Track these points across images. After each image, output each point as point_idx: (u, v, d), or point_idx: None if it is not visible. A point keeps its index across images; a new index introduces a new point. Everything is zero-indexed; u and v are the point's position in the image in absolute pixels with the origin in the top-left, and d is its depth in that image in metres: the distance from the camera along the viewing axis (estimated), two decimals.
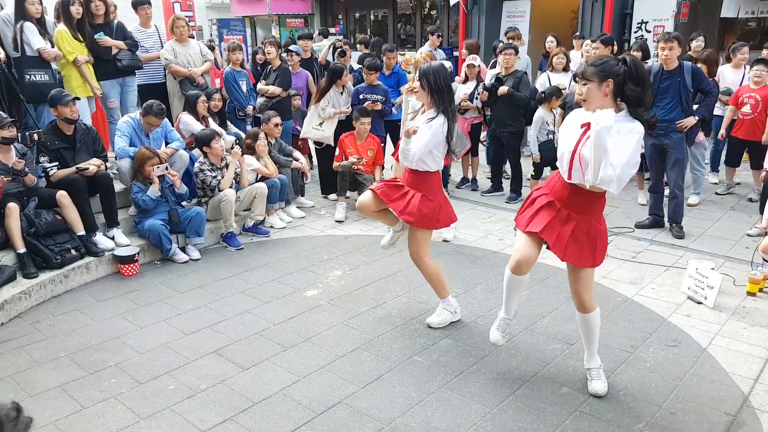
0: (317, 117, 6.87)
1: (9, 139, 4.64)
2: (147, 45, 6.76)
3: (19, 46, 5.58)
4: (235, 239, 5.63)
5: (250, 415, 3.13)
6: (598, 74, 2.82)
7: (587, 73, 2.85)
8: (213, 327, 4.08)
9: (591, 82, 2.84)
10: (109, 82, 6.31)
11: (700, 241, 5.54)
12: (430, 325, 4.02)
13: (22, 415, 1.31)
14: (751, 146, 6.57)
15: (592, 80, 2.83)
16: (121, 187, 5.67)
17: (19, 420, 1.30)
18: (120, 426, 3.06)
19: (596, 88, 2.84)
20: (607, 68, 2.82)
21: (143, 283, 4.85)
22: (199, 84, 6.74)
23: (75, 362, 3.67)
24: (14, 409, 1.30)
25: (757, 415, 3.09)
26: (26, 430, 1.32)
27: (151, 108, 5.53)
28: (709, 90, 5.53)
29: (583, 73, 2.88)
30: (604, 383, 3.26)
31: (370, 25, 16.83)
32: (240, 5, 18.15)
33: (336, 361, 3.62)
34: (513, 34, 8.45)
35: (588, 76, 2.84)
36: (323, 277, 4.90)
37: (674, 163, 5.56)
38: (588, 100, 2.88)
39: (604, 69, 2.82)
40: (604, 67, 2.83)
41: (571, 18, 12.34)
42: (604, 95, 2.85)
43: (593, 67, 2.84)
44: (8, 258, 4.59)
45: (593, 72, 2.83)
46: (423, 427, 3.02)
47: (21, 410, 1.32)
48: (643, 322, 4.07)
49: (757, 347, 3.72)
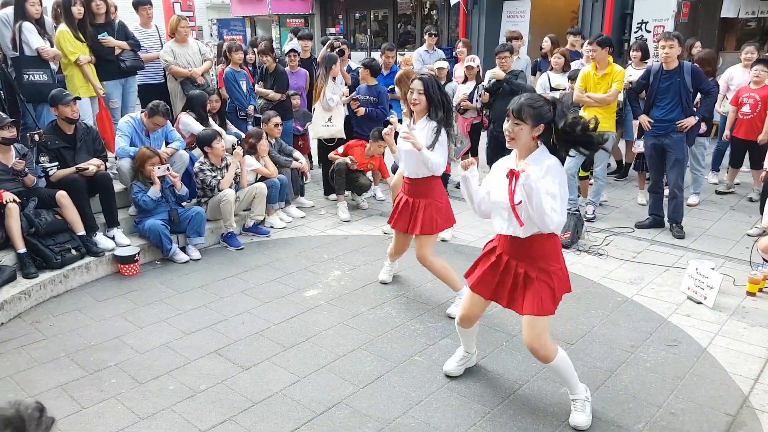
0: (324, 112, 6.84)
1: (9, 139, 4.64)
2: (147, 45, 6.76)
3: (18, 45, 5.58)
4: (235, 239, 5.64)
5: (250, 415, 3.13)
6: (533, 118, 2.75)
7: (523, 115, 2.75)
8: (213, 327, 4.08)
9: (525, 124, 2.77)
10: (111, 82, 6.32)
11: (700, 241, 5.54)
12: (450, 316, 4.16)
13: (44, 415, 1.33)
14: (751, 146, 6.57)
15: (527, 122, 2.76)
16: (121, 187, 5.67)
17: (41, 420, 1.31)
18: (120, 426, 3.06)
19: (528, 131, 2.77)
20: (543, 113, 2.76)
21: (143, 283, 4.85)
22: (200, 84, 6.74)
23: (75, 362, 3.67)
24: (37, 410, 1.32)
25: (757, 415, 3.09)
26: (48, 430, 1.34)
27: (157, 108, 5.54)
28: (709, 90, 5.52)
29: (519, 112, 2.76)
30: (588, 417, 3.02)
31: (370, 25, 16.83)
32: (240, 5, 18.16)
33: (336, 361, 3.62)
34: (512, 34, 8.45)
35: (524, 117, 2.75)
36: (323, 277, 4.90)
37: (674, 163, 5.56)
38: (516, 140, 2.81)
39: (541, 114, 2.75)
40: (540, 111, 2.75)
41: (571, 18, 12.35)
42: (532, 138, 2.80)
43: (531, 109, 2.75)
44: (8, 258, 4.59)
45: (530, 115, 2.75)
46: (423, 427, 3.02)
47: (44, 410, 1.33)
48: (643, 322, 4.07)
49: (757, 347, 3.72)
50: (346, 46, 7.75)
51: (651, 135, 5.66)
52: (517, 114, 2.77)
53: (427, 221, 4.13)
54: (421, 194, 4.16)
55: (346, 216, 6.32)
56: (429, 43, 8.67)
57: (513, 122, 2.79)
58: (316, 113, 6.91)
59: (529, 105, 2.76)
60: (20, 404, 1.30)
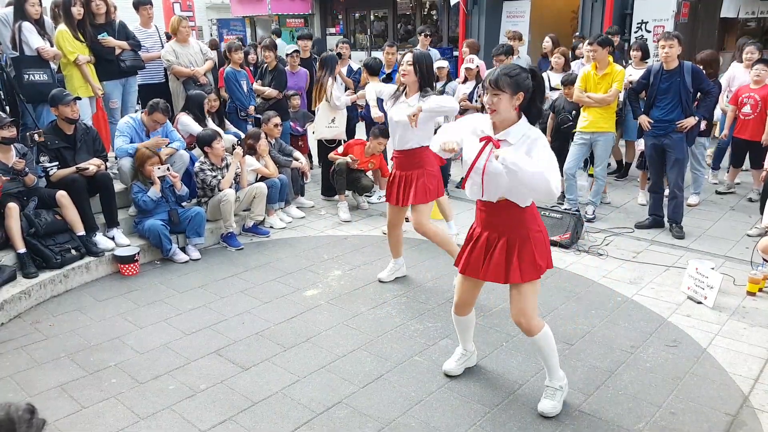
0: (329, 113, 6.82)
1: (9, 139, 4.65)
2: (147, 45, 6.76)
3: (18, 45, 5.58)
4: (235, 239, 5.63)
5: (250, 415, 3.13)
6: (512, 86, 2.72)
7: (501, 84, 2.72)
8: (213, 327, 4.08)
9: (504, 93, 2.72)
10: (111, 82, 6.31)
11: (700, 241, 5.54)
12: None
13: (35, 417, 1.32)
14: (752, 146, 6.56)
15: (505, 91, 2.72)
16: (121, 187, 5.67)
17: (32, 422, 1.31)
18: (120, 426, 3.06)
19: (508, 100, 2.73)
20: (520, 81, 2.72)
21: (143, 283, 4.85)
22: (202, 84, 6.74)
23: (75, 362, 3.67)
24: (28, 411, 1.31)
25: (757, 415, 3.09)
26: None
27: (157, 105, 5.54)
28: (709, 90, 5.52)
29: (496, 82, 2.72)
30: (555, 404, 3.07)
31: (370, 25, 16.83)
32: (240, 5, 18.14)
33: (336, 361, 3.62)
34: (512, 34, 8.46)
35: (502, 86, 2.72)
36: (323, 277, 4.90)
37: (674, 163, 5.56)
38: (497, 111, 2.77)
39: (518, 82, 2.72)
40: (517, 79, 2.72)
41: (571, 18, 12.34)
42: (514, 108, 2.76)
43: (507, 78, 2.72)
44: (8, 258, 4.59)
45: (507, 83, 2.71)
46: (423, 427, 3.02)
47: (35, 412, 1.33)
48: (643, 322, 4.07)
49: (757, 347, 3.72)
50: (346, 47, 7.72)
51: (651, 135, 5.66)
52: (495, 84, 2.73)
53: (420, 190, 4.29)
54: (413, 165, 4.30)
55: (346, 216, 6.32)
56: (423, 44, 8.70)
57: (492, 93, 2.76)
58: (320, 113, 6.85)
59: (505, 74, 2.73)
60: (11, 406, 1.30)
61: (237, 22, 17.99)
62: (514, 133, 2.78)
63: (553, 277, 4.72)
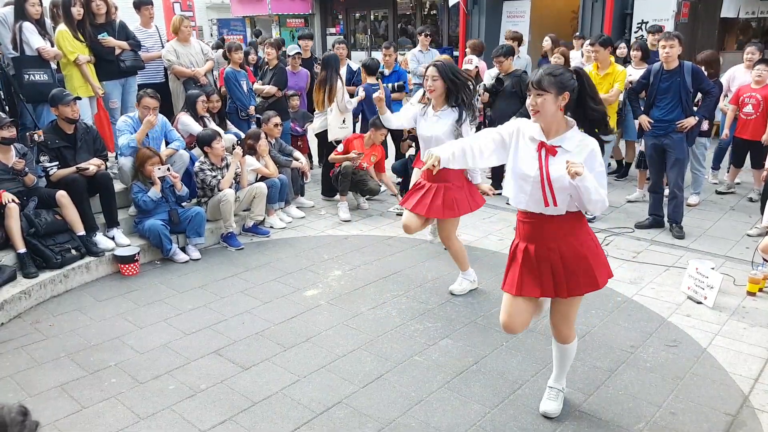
0: (339, 115, 6.78)
1: (9, 139, 4.64)
2: (147, 45, 6.76)
3: (18, 46, 5.58)
4: (235, 239, 5.64)
5: (250, 415, 3.13)
6: (556, 85, 2.62)
7: (544, 84, 2.62)
8: (213, 327, 4.08)
9: (548, 94, 2.62)
10: (111, 82, 6.31)
11: (700, 241, 5.54)
12: (452, 293, 4.50)
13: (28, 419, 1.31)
14: (753, 146, 6.56)
15: (549, 91, 2.62)
16: (121, 187, 5.68)
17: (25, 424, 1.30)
18: (120, 426, 3.06)
19: (552, 100, 2.63)
20: (565, 80, 2.64)
21: (143, 283, 4.85)
22: (202, 84, 6.74)
23: (75, 362, 3.67)
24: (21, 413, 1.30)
25: (757, 415, 3.09)
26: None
27: (144, 93, 5.56)
28: (709, 90, 5.52)
29: (539, 82, 2.63)
30: (558, 406, 3.09)
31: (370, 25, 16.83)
32: (240, 5, 18.15)
33: (336, 361, 3.62)
34: (511, 34, 8.45)
35: (545, 86, 2.62)
36: (323, 277, 4.90)
37: (674, 163, 5.56)
38: (541, 112, 2.66)
39: (562, 81, 2.63)
40: (561, 79, 2.63)
41: (571, 18, 12.35)
42: (558, 109, 2.66)
43: (551, 77, 2.63)
44: (8, 258, 4.59)
45: (551, 83, 2.62)
46: (423, 427, 3.02)
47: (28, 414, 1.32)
48: (643, 322, 4.06)
49: (757, 347, 3.72)
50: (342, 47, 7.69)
51: (651, 135, 5.66)
52: (538, 84, 2.63)
53: (449, 204, 4.22)
54: (441, 179, 4.15)
55: (346, 216, 6.32)
56: (423, 44, 8.72)
57: (535, 94, 2.65)
58: (332, 114, 6.77)
59: (549, 74, 2.64)
60: (3, 408, 1.29)
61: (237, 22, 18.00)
62: (570, 139, 2.68)
63: None
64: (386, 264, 5.14)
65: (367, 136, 6.58)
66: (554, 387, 3.14)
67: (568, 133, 2.70)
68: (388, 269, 5.02)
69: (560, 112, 2.69)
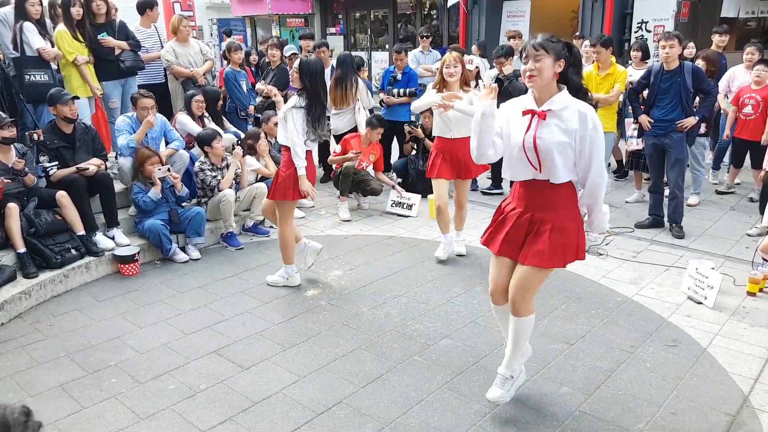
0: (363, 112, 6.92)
1: (9, 138, 4.64)
2: (147, 45, 6.76)
3: (19, 46, 5.59)
4: (235, 239, 5.63)
5: (250, 415, 3.13)
6: (555, 50, 2.68)
7: (545, 45, 2.66)
8: (213, 327, 4.08)
9: (547, 57, 2.66)
10: (111, 82, 6.31)
11: (700, 241, 5.54)
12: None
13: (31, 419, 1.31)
14: (752, 146, 6.56)
15: (549, 54, 2.66)
16: (121, 187, 5.67)
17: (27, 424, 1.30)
18: (120, 426, 3.06)
19: (551, 64, 2.68)
20: (560, 48, 2.71)
21: (143, 283, 4.84)
22: (201, 84, 6.74)
23: (75, 362, 3.67)
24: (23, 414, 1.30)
25: (757, 415, 3.09)
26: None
27: (139, 95, 5.55)
28: (709, 90, 5.52)
29: (541, 44, 2.66)
30: (503, 393, 3.04)
31: (370, 25, 16.82)
32: (240, 5, 18.13)
33: (336, 361, 3.62)
34: (513, 33, 8.46)
35: (546, 48, 2.66)
36: (323, 277, 4.90)
37: (674, 163, 5.56)
38: (539, 76, 2.68)
39: (558, 48, 2.70)
40: (557, 46, 2.71)
41: (571, 18, 12.35)
42: (554, 75, 2.72)
43: (550, 42, 2.68)
44: (8, 258, 4.59)
45: (551, 47, 2.67)
46: (423, 427, 3.02)
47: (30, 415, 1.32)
48: (643, 322, 4.06)
49: (757, 347, 3.72)
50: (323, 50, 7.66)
51: (651, 135, 5.66)
52: (539, 46, 2.67)
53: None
54: None
55: (346, 216, 6.32)
56: (423, 45, 8.75)
57: (534, 56, 2.67)
58: (361, 114, 6.90)
59: (548, 39, 2.71)
60: (5, 408, 1.29)
61: (237, 22, 18.00)
62: (558, 101, 2.73)
63: (553, 277, 4.71)
64: (386, 264, 5.14)
65: (364, 136, 6.59)
66: (501, 373, 3.08)
67: (557, 96, 2.75)
68: (388, 269, 5.02)
69: (554, 80, 2.75)
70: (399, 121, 7.33)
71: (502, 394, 3.06)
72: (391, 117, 7.30)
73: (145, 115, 5.52)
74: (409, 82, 7.48)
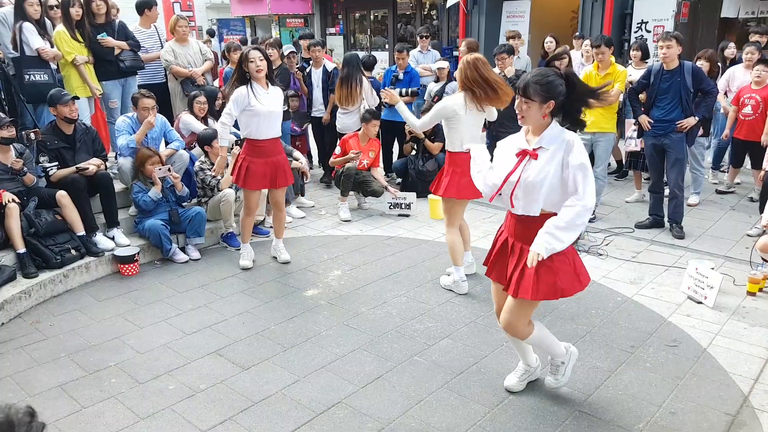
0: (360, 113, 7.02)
1: (8, 138, 4.64)
2: (147, 45, 6.75)
3: (19, 46, 5.58)
4: (235, 239, 5.63)
5: (250, 415, 3.13)
6: (541, 95, 2.68)
7: (529, 92, 2.69)
8: (213, 327, 4.08)
9: (533, 102, 2.70)
10: (110, 82, 6.30)
11: (700, 241, 5.54)
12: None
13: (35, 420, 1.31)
14: (752, 146, 6.56)
15: (534, 100, 2.69)
16: (121, 187, 5.67)
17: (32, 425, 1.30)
18: (120, 426, 3.06)
19: (537, 108, 2.71)
20: (551, 89, 2.68)
21: (143, 283, 4.84)
22: (200, 84, 6.73)
23: (75, 362, 3.67)
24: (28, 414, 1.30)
25: (757, 415, 3.09)
26: None
27: (140, 95, 5.53)
28: (709, 90, 5.52)
29: (525, 90, 2.70)
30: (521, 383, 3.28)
31: (370, 25, 16.82)
32: (240, 5, 18.13)
33: (336, 361, 3.62)
34: (512, 33, 8.46)
35: (530, 95, 2.69)
36: (323, 277, 4.90)
37: (674, 163, 5.56)
38: (526, 118, 2.76)
39: (548, 90, 2.68)
40: (548, 87, 2.68)
41: (571, 18, 12.34)
42: (543, 116, 2.73)
43: (537, 86, 2.69)
44: (8, 258, 4.59)
45: (536, 92, 2.68)
46: (423, 427, 3.02)
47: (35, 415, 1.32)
48: (643, 322, 4.06)
49: (757, 347, 3.72)
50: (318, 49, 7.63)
51: (651, 135, 5.66)
52: (524, 92, 2.71)
53: None
54: None
55: (347, 216, 6.33)
56: (422, 45, 8.75)
57: (521, 101, 2.74)
58: None
59: (535, 82, 2.69)
60: (10, 409, 1.29)
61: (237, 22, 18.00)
62: (548, 138, 2.75)
63: None
64: (386, 264, 5.14)
65: (361, 133, 6.59)
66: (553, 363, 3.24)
67: (547, 132, 2.76)
68: (388, 269, 5.02)
69: (545, 119, 2.76)
70: (400, 121, 7.31)
71: (557, 379, 3.21)
72: (392, 117, 7.28)
73: (145, 116, 5.51)
74: (411, 82, 7.48)
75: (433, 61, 8.49)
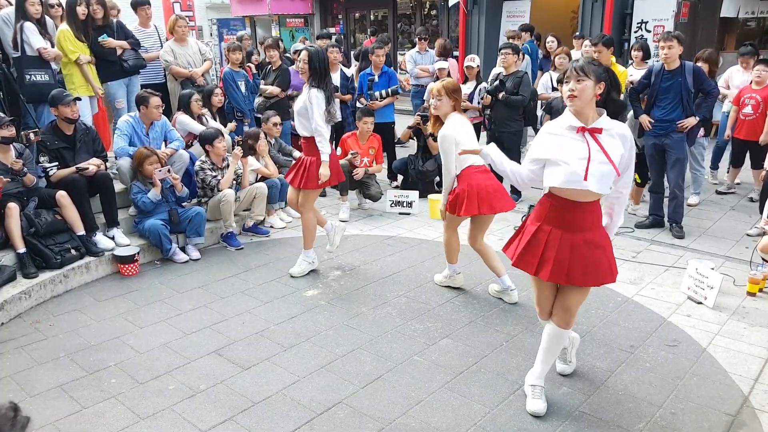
0: None
1: (8, 138, 4.64)
2: (147, 45, 6.76)
3: (20, 46, 5.58)
4: (235, 239, 5.63)
5: (250, 415, 3.13)
6: (596, 73, 2.77)
7: (586, 69, 2.77)
8: (213, 327, 4.08)
9: (588, 80, 2.76)
10: (115, 82, 6.30)
11: (700, 241, 5.54)
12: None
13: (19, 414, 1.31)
14: (752, 146, 6.56)
15: (590, 78, 2.76)
16: (121, 187, 5.67)
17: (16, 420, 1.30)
18: (120, 426, 3.06)
19: (592, 86, 2.77)
20: (602, 72, 2.81)
21: (143, 283, 4.84)
22: (199, 84, 6.73)
23: (75, 362, 3.67)
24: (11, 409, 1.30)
25: (757, 415, 3.09)
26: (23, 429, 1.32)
27: (148, 95, 5.52)
28: (710, 90, 5.52)
29: (582, 68, 2.78)
30: (545, 404, 3.12)
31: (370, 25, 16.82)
32: (240, 5, 18.12)
33: (336, 361, 3.62)
34: (512, 34, 8.47)
35: (587, 72, 2.77)
36: (323, 277, 4.90)
37: (674, 163, 5.56)
38: (579, 97, 2.78)
39: (601, 72, 2.80)
40: (600, 70, 2.81)
41: (571, 18, 12.35)
42: (595, 96, 2.79)
43: (592, 65, 2.79)
44: (8, 258, 4.59)
45: (593, 70, 2.77)
46: (423, 427, 3.02)
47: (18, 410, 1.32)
48: (643, 322, 4.06)
49: (757, 347, 3.72)
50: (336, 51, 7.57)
51: (651, 135, 5.66)
52: (581, 69, 2.78)
53: None
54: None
55: (346, 216, 6.32)
56: (420, 46, 8.75)
57: (576, 79, 2.78)
58: None
59: (590, 62, 2.82)
60: None
61: (237, 22, 17.98)
62: (606, 121, 2.84)
63: None
64: (386, 264, 5.14)
65: (358, 132, 6.58)
66: (535, 385, 3.16)
67: (603, 119, 2.85)
68: (388, 269, 5.02)
69: (594, 101, 2.82)
70: (384, 122, 7.22)
71: (543, 406, 3.11)
72: (379, 119, 6.98)
73: (156, 116, 5.54)
74: (390, 81, 7.30)
75: (431, 61, 8.49)
